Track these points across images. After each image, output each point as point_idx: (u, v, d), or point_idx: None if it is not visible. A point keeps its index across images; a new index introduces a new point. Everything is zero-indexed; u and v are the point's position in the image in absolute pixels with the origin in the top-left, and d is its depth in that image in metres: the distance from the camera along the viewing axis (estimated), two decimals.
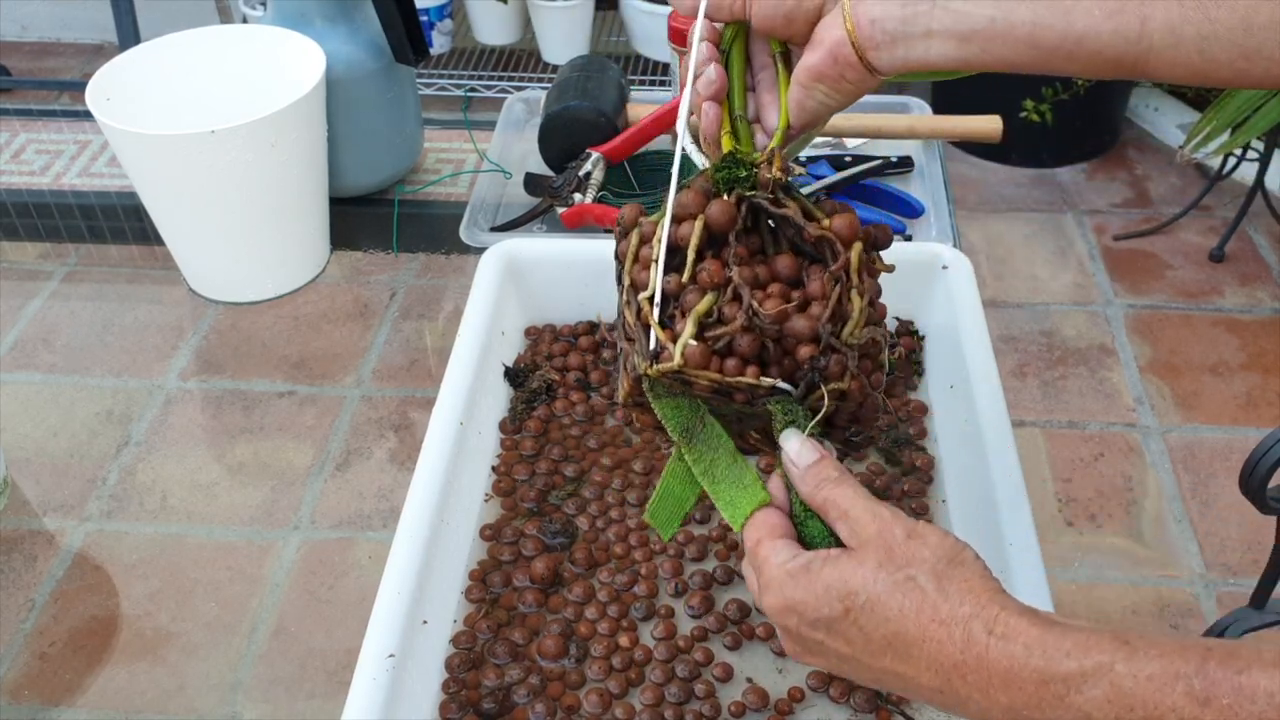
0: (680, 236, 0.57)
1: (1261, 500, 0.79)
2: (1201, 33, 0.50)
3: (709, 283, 0.56)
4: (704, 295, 0.56)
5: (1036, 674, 0.45)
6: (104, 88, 1.19)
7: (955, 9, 0.54)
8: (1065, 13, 0.53)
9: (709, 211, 0.56)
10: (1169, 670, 0.43)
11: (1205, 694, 0.41)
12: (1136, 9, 0.52)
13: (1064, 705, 0.44)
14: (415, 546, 0.73)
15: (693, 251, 0.56)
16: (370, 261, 1.33)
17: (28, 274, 1.37)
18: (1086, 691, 0.44)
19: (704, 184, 0.58)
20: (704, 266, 0.56)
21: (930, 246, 0.97)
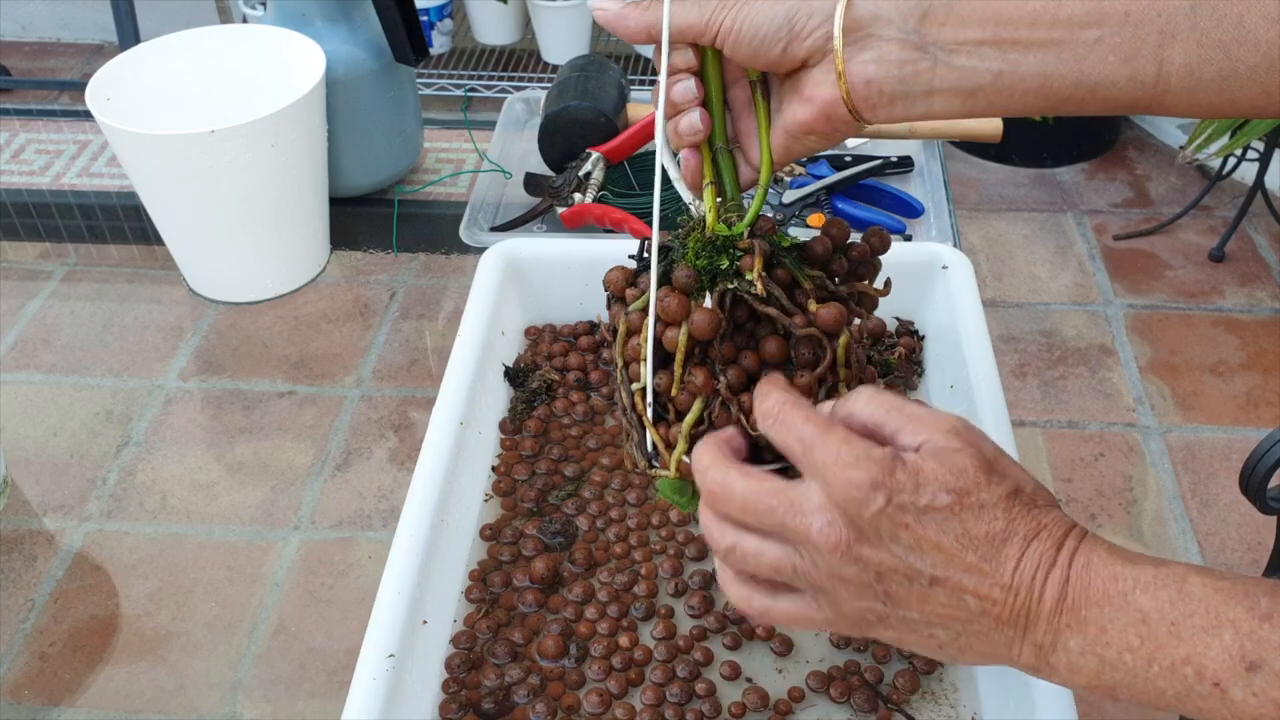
0: (666, 340, 0.56)
1: (1261, 500, 0.79)
2: (1222, 73, 0.49)
3: (697, 390, 0.56)
4: (693, 398, 0.56)
5: (1110, 572, 0.44)
6: (104, 88, 1.19)
7: (959, 65, 0.52)
8: (1078, 61, 0.51)
9: (693, 321, 0.55)
10: (1240, 588, 0.43)
11: (1268, 610, 0.42)
12: (1154, 53, 0.50)
13: (1125, 603, 0.44)
14: (415, 546, 0.73)
15: (679, 367, 0.56)
16: (370, 261, 1.33)
17: (28, 274, 1.37)
18: (1153, 592, 0.44)
19: (686, 277, 0.55)
20: (691, 377, 0.56)
21: (930, 246, 0.97)
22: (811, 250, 0.58)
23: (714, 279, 0.56)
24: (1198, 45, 0.49)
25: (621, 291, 0.60)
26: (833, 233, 0.59)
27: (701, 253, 0.56)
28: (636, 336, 0.58)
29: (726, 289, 0.55)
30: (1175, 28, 0.49)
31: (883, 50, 0.53)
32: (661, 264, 0.57)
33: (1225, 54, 0.49)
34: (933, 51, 0.52)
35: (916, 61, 0.52)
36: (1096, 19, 0.50)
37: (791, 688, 0.71)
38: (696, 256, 0.56)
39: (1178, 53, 0.50)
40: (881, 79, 0.53)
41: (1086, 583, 0.44)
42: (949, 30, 0.52)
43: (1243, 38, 0.48)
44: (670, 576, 0.78)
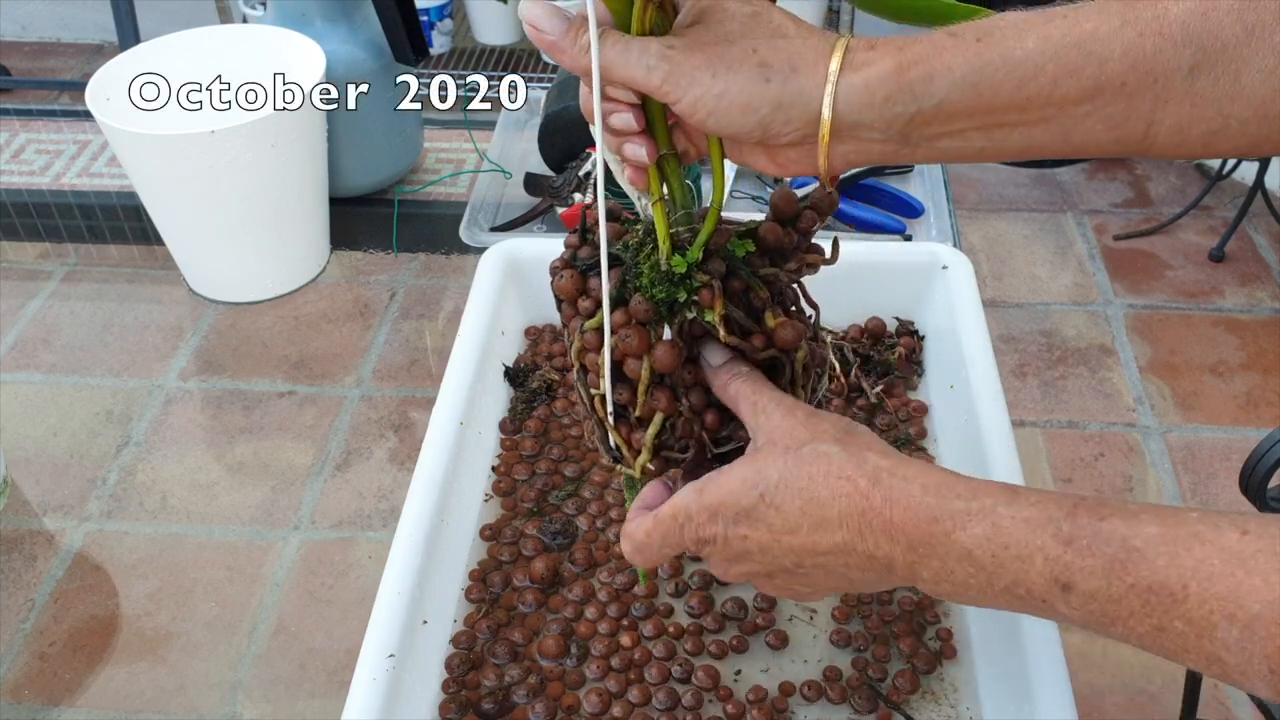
0: (628, 370, 0.56)
1: (1262, 500, 0.79)
2: (1212, 129, 0.49)
3: (659, 410, 0.56)
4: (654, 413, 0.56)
5: (928, 512, 0.48)
6: (104, 88, 1.19)
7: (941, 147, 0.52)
8: (1064, 134, 0.50)
9: (654, 356, 0.55)
10: (1043, 514, 0.46)
11: (1069, 535, 0.45)
12: (1145, 116, 0.49)
13: (950, 542, 0.48)
14: (415, 546, 0.73)
15: (642, 395, 0.56)
16: (370, 261, 1.33)
17: (28, 274, 1.37)
18: (970, 529, 0.47)
19: (644, 309, 0.55)
20: (654, 401, 0.56)
21: (930, 246, 0.97)
22: (763, 241, 0.57)
23: (672, 309, 0.55)
24: (1191, 106, 0.49)
25: (573, 298, 0.58)
26: (782, 208, 0.58)
27: (658, 284, 0.55)
28: (593, 353, 0.57)
29: (686, 319, 0.55)
30: (1170, 93, 0.49)
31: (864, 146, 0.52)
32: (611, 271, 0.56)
33: (1218, 111, 0.48)
34: (915, 141, 0.52)
35: (898, 149, 0.52)
36: (1091, 95, 0.49)
37: (790, 685, 0.71)
38: (653, 285, 0.55)
39: (1168, 115, 0.49)
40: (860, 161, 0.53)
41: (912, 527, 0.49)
42: (935, 127, 0.51)
43: (1238, 94, 0.48)
44: (670, 576, 0.78)
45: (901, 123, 0.50)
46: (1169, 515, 0.45)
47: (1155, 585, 0.43)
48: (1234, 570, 0.42)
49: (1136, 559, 0.44)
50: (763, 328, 0.56)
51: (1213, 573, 0.42)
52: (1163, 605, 0.43)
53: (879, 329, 0.96)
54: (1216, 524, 0.43)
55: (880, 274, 0.96)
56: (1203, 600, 0.42)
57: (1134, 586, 0.44)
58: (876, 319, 0.96)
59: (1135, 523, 0.45)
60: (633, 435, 0.58)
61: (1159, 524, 0.44)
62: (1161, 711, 1.23)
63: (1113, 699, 1.25)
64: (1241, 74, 0.48)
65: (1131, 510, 0.45)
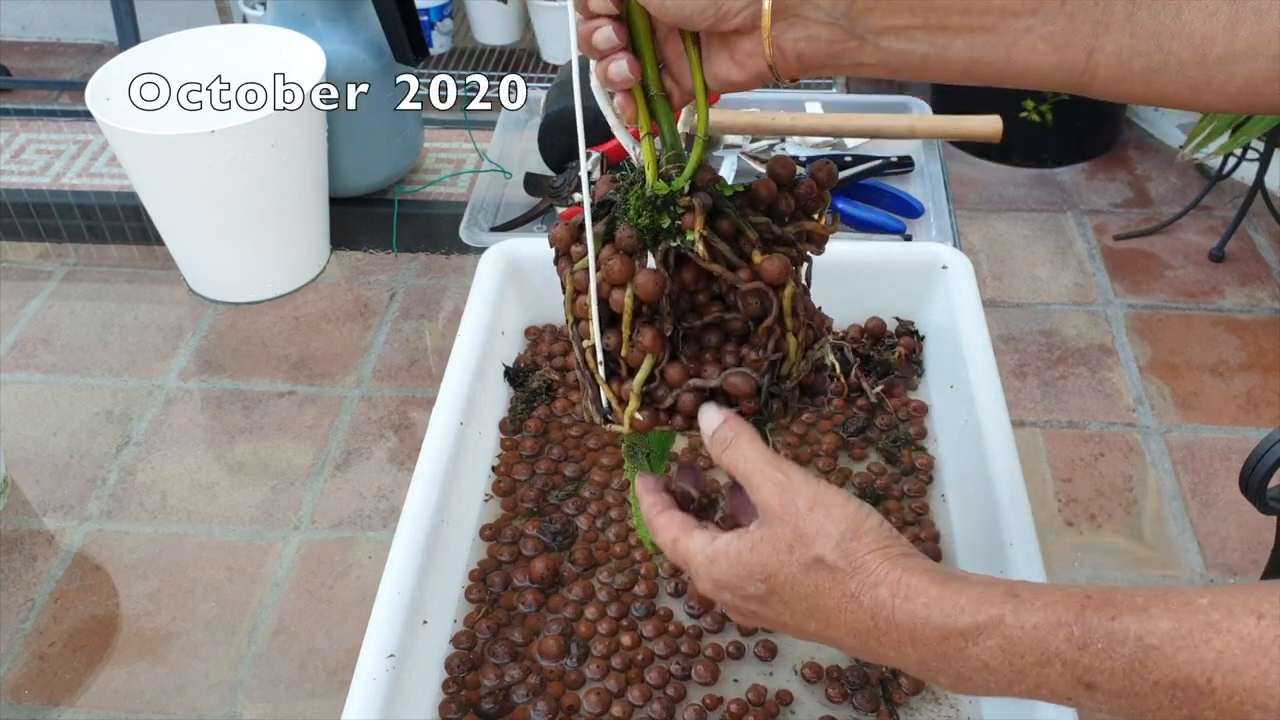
0: (613, 302, 0.56)
1: (1261, 500, 0.79)
2: (1151, 65, 0.49)
3: (645, 350, 0.56)
4: (643, 356, 0.56)
5: (937, 631, 0.49)
6: (104, 88, 1.19)
7: (886, 46, 0.52)
8: (1006, 49, 0.51)
9: (637, 283, 0.55)
10: (1051, 619, 0.46)
11: (1083, 639, 0.45)
12: (1085, 42, 0.50)
13: (964, 656, 0.48)
14: (415, 546, 0.73)
15: (626, 328, 0.56)
16: (370, 261, 1.33)
17: (28, 274, 1.37)
18: (982, 643, 0.48)
19: (629, 236, 0.55)
20: (639, 339, 0.56)
21: (930, 246, 0.97)
22: (755, 193, 0.57)
23: (656, 238, 0.55)
24: (1131, 37, 0.49)
25: (567, 247, 0.59)
26: (778, 170, 0.58)
27: (643, 211, 0.56)
28: (584, 295, 0.58)
29: (670, 247, 0.55)
30: (1111, 18, 0.49)
31: (811, 30, 0.53)
32: (604, 219, 0.57)
33: (1158, 46, 0.49)
34: (861, 33, 0.52)
35: (845, 41, 0.53)
36: (1031, 7, 0.50)
37: (785, 691, 0.71)
38: (638, 215, 0.56)
39: (1109, 43, 0.49)
40: (809, 54, 0.53)
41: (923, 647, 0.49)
42: (877, 17, 0.52)
43: (1178, 30, 0.48)
44: (670, 576, 0.78)
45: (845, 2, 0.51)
46: (1179, 605, 0.44)
47: (1180, 681, 0.43)
48: (1257, 660, 0.42)
49: (1155, 657, 0.44)
50: (749, 265, 0.56)
51: (1236, 665, 0.42)
52: (1190, 699, 0.43)
53: (879, 329, 0.96)
54: (1230, 610, 0.43)
55: (880, 274, 0.96)
56: (1230, 693, 0.42)
57: (1158, 684, 0.44)
58: (876, 319, 0.96)
59: (1146, 618, 0.44)
60: (622, 388, 0.58)
61: (1171, 617, 0.44)
62: None
63: None
64: (1183, 10, 0.48)
65: (1139, 603, 0.45)
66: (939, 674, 0.50)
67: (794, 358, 0.57)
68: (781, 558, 0.52)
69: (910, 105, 1.28)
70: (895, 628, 0.50)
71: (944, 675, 0.50)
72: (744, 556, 0.53)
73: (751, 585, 0.53)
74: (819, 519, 0.52)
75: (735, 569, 0.54)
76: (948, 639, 0.48)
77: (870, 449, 0.88)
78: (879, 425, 0.89)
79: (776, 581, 0.52)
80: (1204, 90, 0.49)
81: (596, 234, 0.57)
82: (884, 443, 0.88)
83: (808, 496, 0.53)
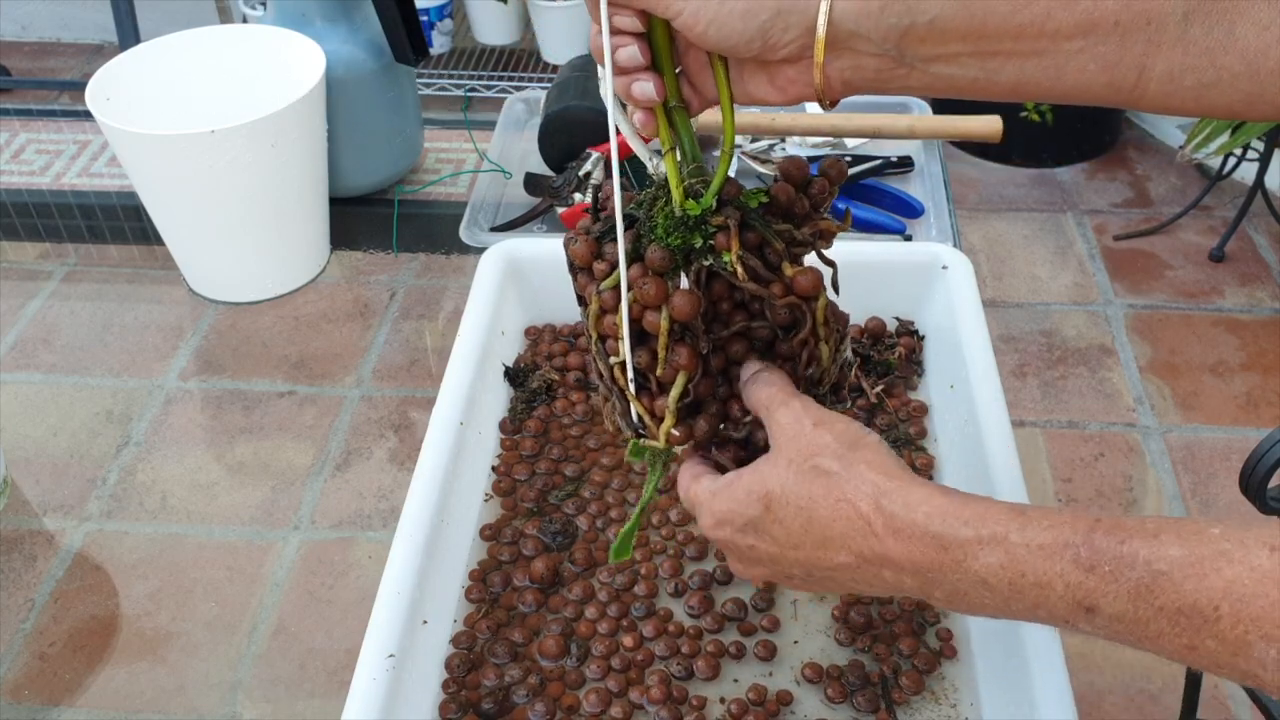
0: (647, 323, 0.56)
1: (1261, 500, 0.79)
2: (1203, 80, 0.49)
3: (680, 368, 0.56)
4: (676, 373, 0.56)
5: (936, 540, 0.48)
6: (104, 88, 1.19)
7: (935, 72, 0.52)
8: (1056, 70, 0.50)
9: (673, 305, 0.55)
10: (1059, 539, 0.46)
11: (1090, 561, 0.45)
12: (1137, 60, 0.49)
13: (962, 570, 0.47)
14: (415, 546, 0.73)
15: (662, 350, 0.55)
16: (370, 261, 1.33)
17: (28, 274, 1.37)
18: (983, 558, 0.47)
19: (660, 257, 0.55)
20: (675, 357, 0.56)
21: (930, 246, 0.97)
22: (776, 200, 0.57)
23: (689, 258, 0.55)
24: (1183, 54, 0.49)
25: (588, 263, 0.58)
26: (792, 172, 0.58)
27: (673, 231, 0.55)
28: (610, 315, 0.57)
29: (703, 266, 0.55)
30: (1163, 36, 0.49)
31: (860, 61, 0.52)
32: (627, 233, 0.56)
33: (1210, 62, 0.48)
34: (910, 61, 0.52)
35: (893, 69, 0.52)
36: (1084, 29, 0.49)
37: (786, 694, 0.71)
38: (667, 234, 0.55)
39: (1161, 61, 0.49)
40: (855, 81, 0.53)
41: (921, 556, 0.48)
42: (929, 46, 0.51)
43: (1231, 45, 0.48)
44: (670, 576, 0.78)
45: (896, 35, 0.51)
46: (1191, 534, 0.44)
47: (1185, 608, 0.43)
48: (1268, 590, 0.41)
49: (1163, 582, 0.43)
50: (781, 277, 0.56)
51: (1244, 594, 0.42)
52: (1193, 626, 0.43)
53: (879, 329, 0.96)
54: (1243, 541, 0.43)
55: (880, 274, 0.96)
56: (1236, 621, 0.42)
57: (1162, 609, 0.43)
58: (876, 319, 0.96)
59: (1157, 544, 0.44)
60: (655, 403, 0.57)
61: (1181, 544, 0.44)
62: (1161, 712, 1.23)
63: (1112, 699, 1.25)
64: (1236, 25, 0.48)
65: (1150, 529, 0.45)
66: (934, 588, 0.49)
67: (826, 364, 0.57)
68: (780, 472, 0.52)
69: (910, 105, 1.28)
70: (893, 535, 0.49)
71: (939, 589, 0.49)
72: (744, 481, 0.54)
73: (748, 508, 0.53)
74: (820, 433, 0.53)
75: (735, 495, 0.54)
76: (947, 549, 0.48)
77: None
78: (879, 425, 0.89)
79: (772, 496, 0.52)
80: (1257, 102, 0.49)
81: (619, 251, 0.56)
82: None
83: (815, 416, 0.53)
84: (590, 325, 0.58)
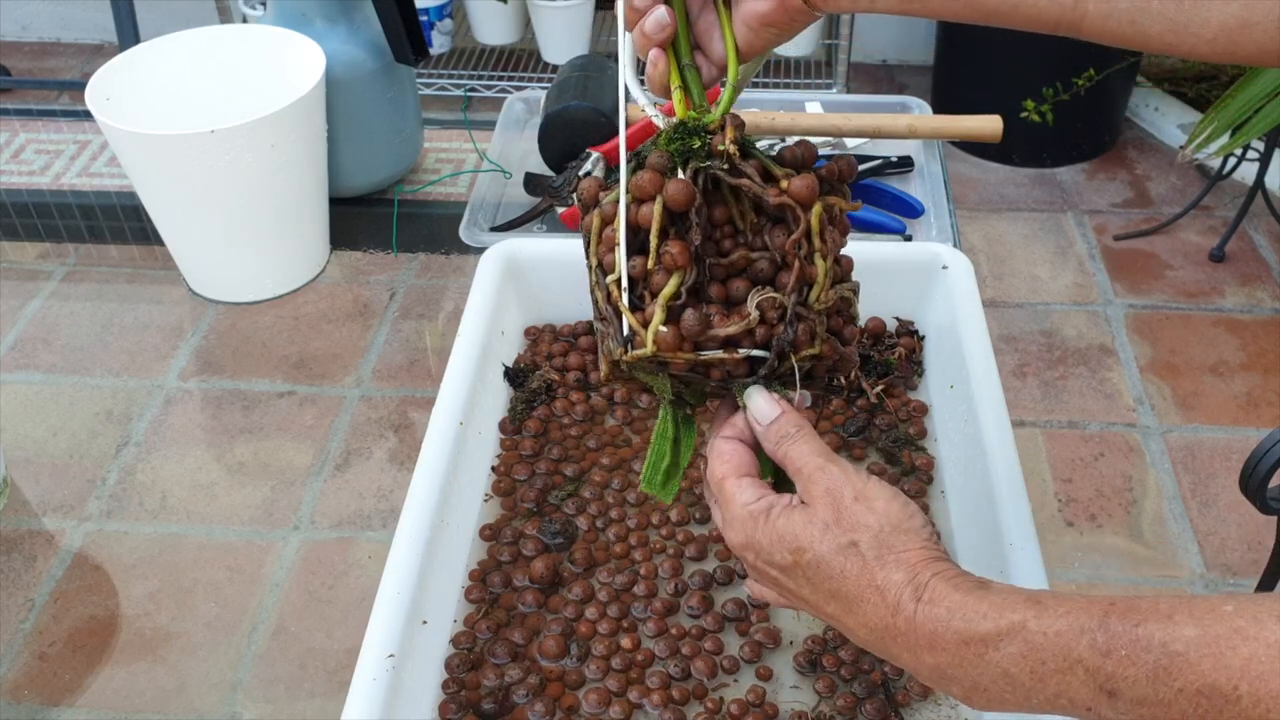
0: (641, 217, 0.56)
1: (1261, 500, 0.79)
2: (1135, 5, 0.52)
3: (673, 265, 0.56)
4: (670, 276, 0.56)
5: (957, 635, 0.48)
6: (104, 88, 1.19)
7: None
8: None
9: (667, 192, 0.55)
10: (1075, 626, 0.46)
11: (1106, 646, 0.45)
12: None
13: (984, 663, 0.48)
14: (415, 546, 0.73)
15: (655, 238, 0.56)
16: (370, 261, 1.33)
17: (28, 274, 1.37)
18: (1004, 649, 0.47)
19: (659, 159, 0.56)
20: (667, 249, 0.55)
21: (930, 246, 0.97)
22: (781, 157, 0.58)
23: (686, 159, 0.56)
24: None
25: (595, 199, 0.60)
26: (799, 153, 0.59)
27: (674, 137, 0.57)
28: (611, 226, 0.58)
29: (700, 168, 0.56)
30: None
31: None
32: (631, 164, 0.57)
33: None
34: None
35: None
36: None
37: (787, 690, 0.71)
38: (669, 142, 0.57)
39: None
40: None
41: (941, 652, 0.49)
42: None
43: None
44: (670, 576, 0.78)
45: None
46: (1204, 612, 0.44)
47: (1205, 689, 0.43)
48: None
49: (1180, 664, 0.43)
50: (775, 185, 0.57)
51: (1262, 671, 0.42)
52: (1216, 707, 0.43)
53: (879, 329, 0.96)
54: (1256, 617, 0.43)
55: (880, 274, 0.96)
56: (1257, 700, 0.42)
57: (1182, 691, 0.43)
58: (876, 319, 0.96)
59: (1171, 624, 0.44)
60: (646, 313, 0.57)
61: (1195, 624, 0.44)
62: None
63: None
64: None
65: (1164, 610, 0.45)
66: (953, 682, 0.49)
67: (822, 281, 0.57)
68: (815, 534, 0.53)
69: (910, 105, 1.28)
70: (915, 629, 0.50)
71: (958, 685, 0.49)
72: (780, 525, 0.54)
73: (778, 554, 0.54)
74: (861, 510, 0.53)
75: (768, 533, 0.55)
76: (968, 644, 0.48)
77: (870, 449, 0.88)
78: (879, 425, 0.89)
79: (804, 556, 0.53)
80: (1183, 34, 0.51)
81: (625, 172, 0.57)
82: (884, 443, 0.88)
83: (855, 488, 0.54)
84: (591, 250, 0.59)
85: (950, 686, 0.50)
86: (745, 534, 0.56)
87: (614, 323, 0.58)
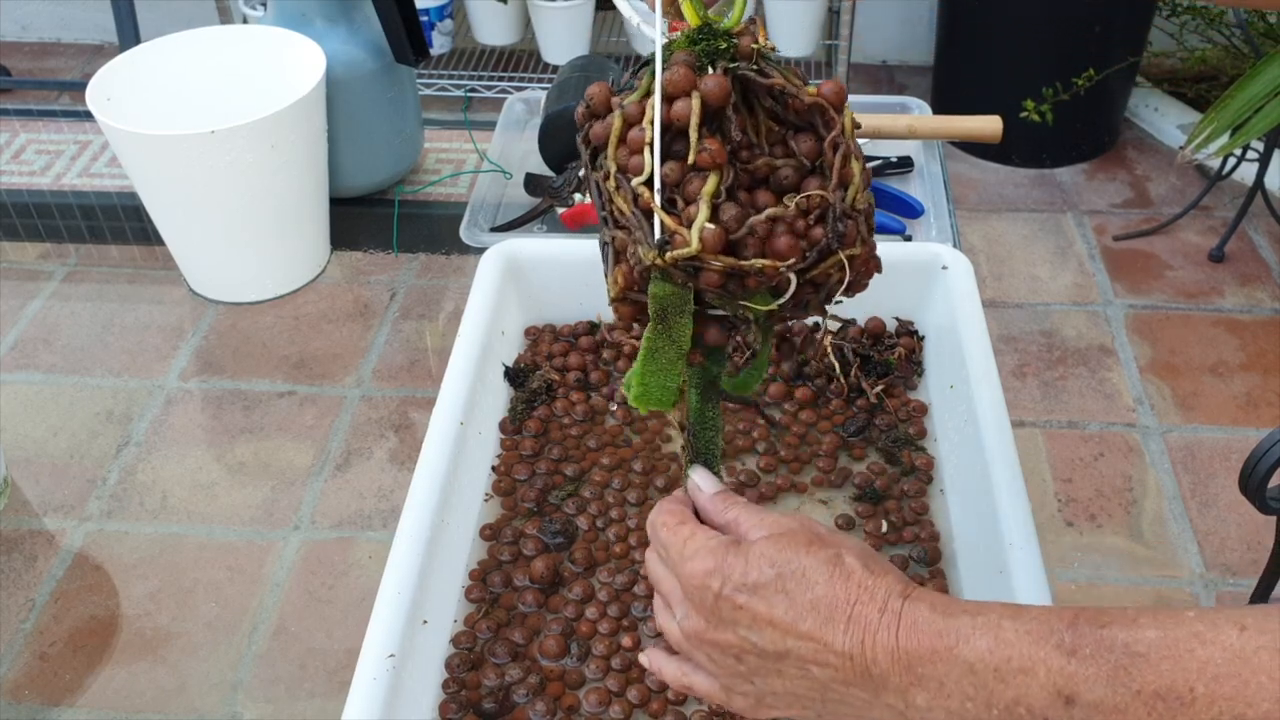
0: (675, 115, 0.54)
1: (1261, 500, 0.79)
2: None
3: (710, 163, 0.54)
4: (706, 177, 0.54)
5: (934, 628, 0.49)
6: (104, 88, 1.19)
7: None
8: None
9: (704, 87, 0.54)
10: (1044, 626, 0.47)
11: (1072, 645, 0.46)
12: None
13: (952, 657, 0.48)
14: (415, 546, 0.73)
15: (694, 131, 0.54)
16: (370, 261, 1.33)
17: (28, 274, 1.37)
18: (974, 642, 0.48)
19: (687, 58, 0.55)
20: (705, 146, 0.54)
21: (930, 246, 0.97)
22: None
23: (713, 60, 0.55)
24: None
25: (605, 105, 0.57)
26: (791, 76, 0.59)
27: (697, 41, 0.55)
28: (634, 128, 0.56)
29: (729, 67, 0.55)
30: None
31: None
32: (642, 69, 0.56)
33: None
34: None
35: None
36: None
37: None
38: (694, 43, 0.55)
39: None
40: None
41: (916, 643, 0.49)
42: None
43: None
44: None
45: None
46: (1166, 617, 0.45)
47: (1162, 690, 0.44)
48: (1239, 670, 0.42)
49: (1140, 664, 0.44)
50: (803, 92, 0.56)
51: (1218, 673, 0.43)
52: (1170, 710, 0.43)
53: (879, 329, 0.96)
54: (1214, 622, 0.44)
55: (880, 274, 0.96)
56: (1211, 701, 0.43)
57: (1139, 693, 0.44)
58: (876, 319, 0.96)
59: (1135, 628, 0.45)
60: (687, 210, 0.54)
61: (1158, 627, 0.45)
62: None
63: None
64: None
65: (1130, 615, 0.46)
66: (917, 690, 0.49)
67: (859, 181, 0.56)
68: (800, 551, 0.53)
69: (910, 105, 1.28)
70: (897, 623, 0.50)
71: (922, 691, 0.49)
72: (758, 547, 0.53)
73: (757, 571, 0.53)
74: (839, 534, 0.55)
75: (744, 555, 0.53)
76: (942, 636, 0.49)
77: (870, 449, 0.88)
78: (879, 425, 0.89)
79: (789, 569, 0.52)
80: None
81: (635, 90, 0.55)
82: (884, 443, 0.88)
83: (822, 528, 0.55)
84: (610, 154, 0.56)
85: (914, 696, 0.49)
86: (714, 560, 0.54)
87: (644, 226, 0.55)
